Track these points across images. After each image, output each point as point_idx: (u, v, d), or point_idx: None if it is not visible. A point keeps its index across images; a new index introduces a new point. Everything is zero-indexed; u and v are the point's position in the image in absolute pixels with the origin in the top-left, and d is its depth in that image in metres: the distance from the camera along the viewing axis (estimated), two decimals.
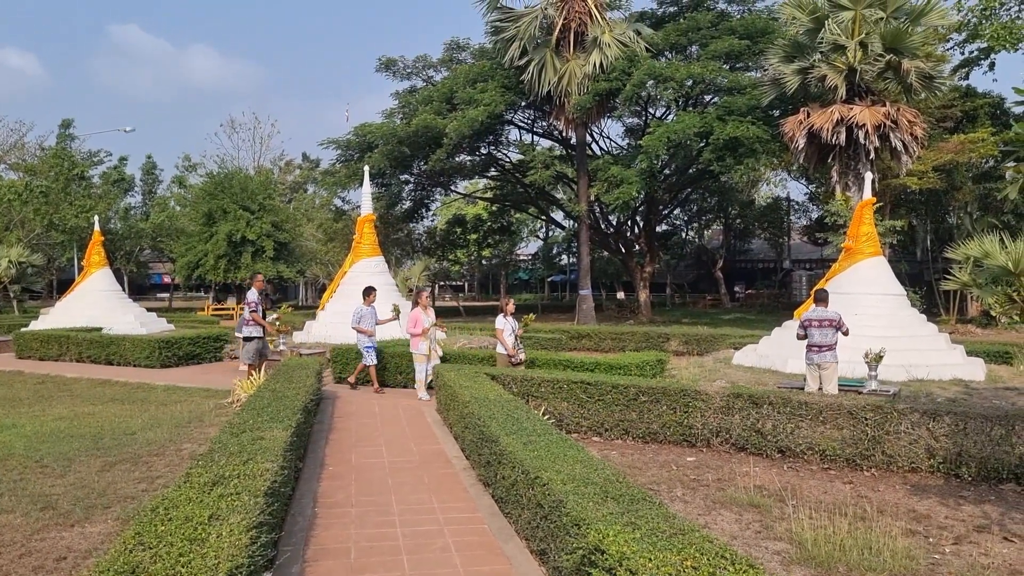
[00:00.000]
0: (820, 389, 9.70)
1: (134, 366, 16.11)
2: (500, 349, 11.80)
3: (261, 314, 12.55)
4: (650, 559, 3.32)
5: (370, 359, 12.39)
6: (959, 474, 7.21)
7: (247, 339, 12.54)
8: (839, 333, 9.94)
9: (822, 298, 10.33)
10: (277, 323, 15.45)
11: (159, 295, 63.46)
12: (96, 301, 21.13)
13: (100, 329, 19.04)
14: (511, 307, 11.90)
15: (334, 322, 17.45)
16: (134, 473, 7.32)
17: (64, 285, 32.73)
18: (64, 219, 33.15)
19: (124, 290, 24.99)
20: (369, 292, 12.94)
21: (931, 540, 5.58)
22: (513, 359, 11.58)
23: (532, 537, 5.03)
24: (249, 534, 3.72)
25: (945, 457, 7.25)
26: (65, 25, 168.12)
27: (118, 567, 3.24)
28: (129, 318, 20.72)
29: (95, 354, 16.85)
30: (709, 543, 3.57)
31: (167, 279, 59.41)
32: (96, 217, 24.07)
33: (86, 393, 12.55)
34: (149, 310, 23.67)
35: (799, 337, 10.28)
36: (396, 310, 13.23)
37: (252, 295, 12.66)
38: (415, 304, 12.20)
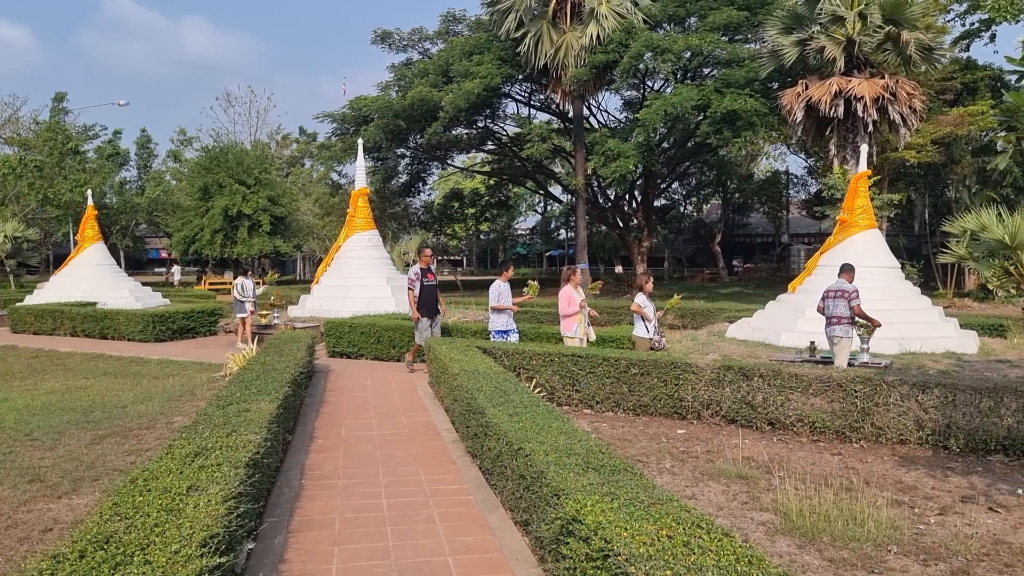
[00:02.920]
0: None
1: (128, 340, 16.13)
2: (640, 332, 10.14)
3: (418, 291, 11.27)
4: (626, 528, 3.30)
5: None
6: (947, 446, 7.22)
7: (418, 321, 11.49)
8: (850, 306, 9.74)
9: (845, 270, 10.17)
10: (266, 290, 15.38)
11: (156, 270, 63.49)
12: (90, 275, 21.05)
13: (94, 303, 19.00)
14: (650, 285, 10.30)
15: (328, 296, 17.43)
16: (124, 446, 7.32)
17: (60, 260, 32.63)
18: (59, 194, 33.04)
19: (120, 265, 24.92)
20: (507, 266, 11.71)
21: (916, 511, 5.59)
22: (656, 345, 10.03)
23: (516, 508, 5.03)
24: (227, 504, 3.70)
25: (934, 429, 7.25)
26: None
27: (91, 537, 3.23)
28: (123, 292, 20.67)
29: (89, 328, 16.87)
30: (686, 513, 3.56)
31: (164, 254, 59.42)
32: (89, 191, 23.93)
33: (79, 367, 12.55)
34: (145, 284, 23.60)
35: (819, 310, 10.18)
36: (534, 289, 12.04)
37: (414, 270, 11.52)
38: (566, 282, 10.50)
